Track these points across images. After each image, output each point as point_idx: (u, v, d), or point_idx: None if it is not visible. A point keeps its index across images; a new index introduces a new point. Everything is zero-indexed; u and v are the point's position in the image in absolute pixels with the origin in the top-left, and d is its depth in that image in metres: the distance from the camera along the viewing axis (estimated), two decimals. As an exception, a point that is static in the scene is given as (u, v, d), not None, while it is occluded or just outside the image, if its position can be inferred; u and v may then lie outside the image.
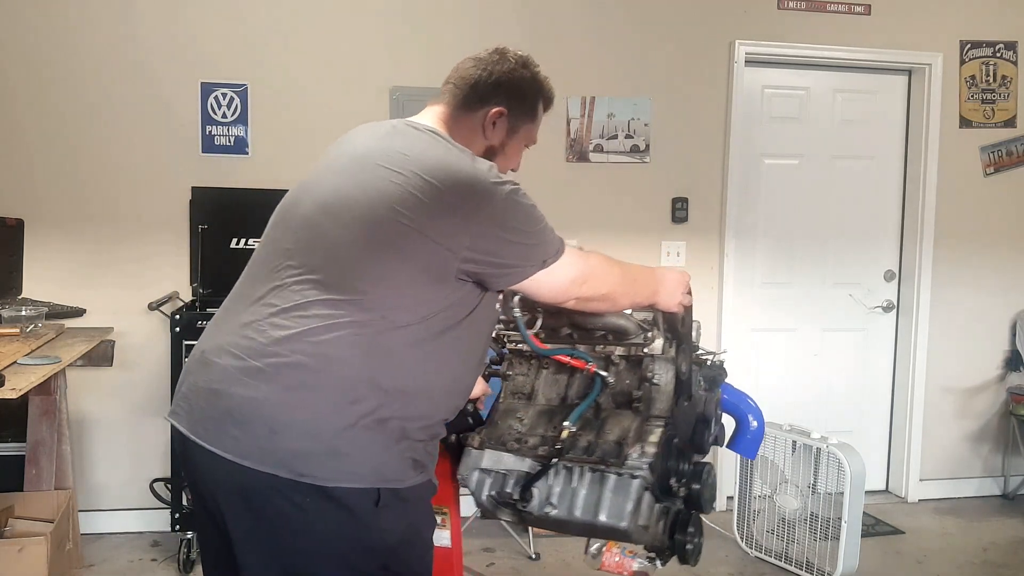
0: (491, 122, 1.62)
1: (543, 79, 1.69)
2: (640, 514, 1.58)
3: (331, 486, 1.34)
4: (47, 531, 2.80)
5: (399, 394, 1.41)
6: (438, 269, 1.43)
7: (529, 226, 1.48)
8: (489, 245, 1.44)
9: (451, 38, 3.76)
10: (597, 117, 3.90)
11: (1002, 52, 4.27)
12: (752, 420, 1.99)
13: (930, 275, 4.23)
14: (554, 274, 1.52)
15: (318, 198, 1.49)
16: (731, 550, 3.59)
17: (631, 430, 1.65)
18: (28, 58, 3.48)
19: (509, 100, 1.63)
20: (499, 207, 1.44)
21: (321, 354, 1.36)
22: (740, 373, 4.05)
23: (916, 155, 4.24)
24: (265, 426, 1.35)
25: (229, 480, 1.38)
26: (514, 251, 1.48)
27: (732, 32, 3.98)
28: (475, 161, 1.49)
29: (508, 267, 1.49)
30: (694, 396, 1.76)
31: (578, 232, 3.86)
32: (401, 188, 1.42)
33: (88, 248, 3.55)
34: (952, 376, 4.31)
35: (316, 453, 1.34)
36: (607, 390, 1.72)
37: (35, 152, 3.51)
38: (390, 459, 1.40)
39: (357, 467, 1.36)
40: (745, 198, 4.11)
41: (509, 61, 1.64)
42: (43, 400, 3.09)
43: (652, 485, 1.59)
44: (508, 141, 1.65)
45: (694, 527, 1.69)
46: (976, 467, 4.38)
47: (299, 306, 1.40)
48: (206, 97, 3.61)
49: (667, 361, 1.70)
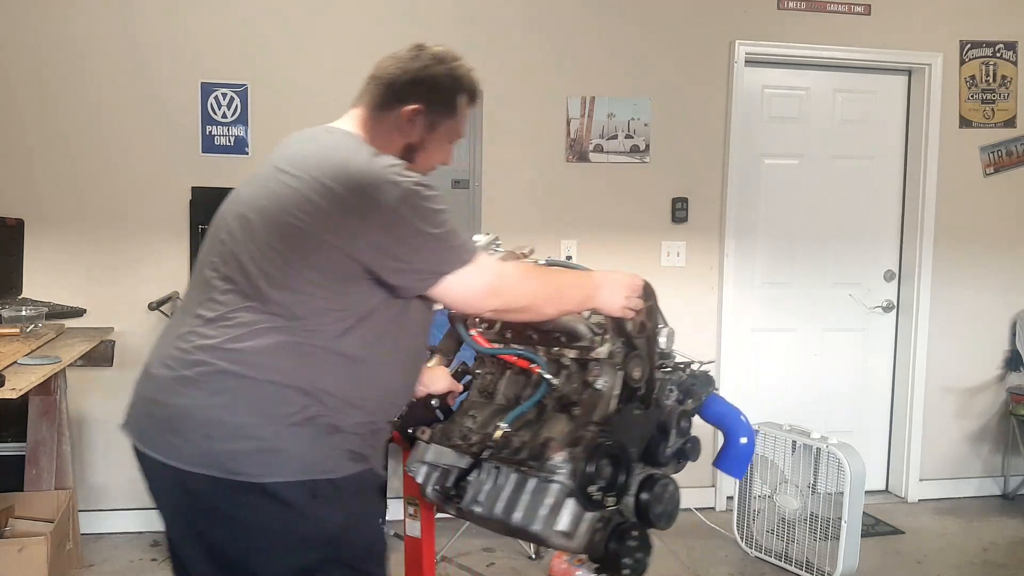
0: (408, 120, 1.60)
1: (462, 74, 1.66)
2: (559, 519, 1.56)
3: (266, 482, 1.39)
4: (47, 531, 2.80)
5: (325, 395, 1.44)
6: (342, 271, 1.43)
7: (430, 227, 1.44)
8: (386, 245, 1.43)
9: (451, 38, 3.73)
10: (597, 117, 3.90)
11: (1002, 52, 4.27)
12: (742, 437, 1.90)
13: (930, 275, 4.23)
14: (464, 283, 1.49)
15: (237, 209, 1.53)
16: (731, 550, 3.59)
17: (562, 434, 1.64)
18: (28, 58, 3.48)
19: (425, 97, 1.61)
20: (395, 205, 1.42)
21: (244, 360, 1.41)
22: (740, 373, 4.10)
23: (916, 155, 4.24)
24: (199, 431, 1.41)
25: (174, 484, 1.45)
26: (413, 253, 1.45)
27: (732, 32, 3.98)
28: (376, 159, 1.48)
29: (408, 270, 1.46)
30: (655, 405, 1.70)
31: (578, 232, 3.88)
32: (298, 193, 1.44)
33: (88, 248, 3.55)
34: (952, 376, 4.31)
35: (248, 452, 1.40)
36: (553, 392, 1.72)
37: (35, 152, 3.51)
38: (322, 452, 1.44)
39: (289, 462, 1.41)
40: (745, 198, 4.11)
41: (424, 58, 1.63)
42: (43, 400, 3.09)
43: (577, 492, 1.56)
44: (428, 137, 1.63)
45: (639, 542, 1.63)
46: (976, 467, 4.38)
47: (223, 316, 1.45)
48: (206, 97, 3.61)
49: (612, 366, 1.67)
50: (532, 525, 1.58)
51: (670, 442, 1.68)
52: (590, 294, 1.65)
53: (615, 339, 1.69)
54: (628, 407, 1.66)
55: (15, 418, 3.11)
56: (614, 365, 1.67)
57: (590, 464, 1.55)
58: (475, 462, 1.69)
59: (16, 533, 2.90)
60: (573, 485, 1.55)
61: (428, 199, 1.45)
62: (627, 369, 1.67)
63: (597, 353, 1.67)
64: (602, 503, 1.58)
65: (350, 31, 3.67)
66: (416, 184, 1.45)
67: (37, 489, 3.07)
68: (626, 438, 1.63)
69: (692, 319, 4.05)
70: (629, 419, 1.66)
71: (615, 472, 1.59)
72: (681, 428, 1.72)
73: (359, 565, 1.50)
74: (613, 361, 1.67)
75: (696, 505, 4.01)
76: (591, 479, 1.55)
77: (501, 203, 3.82)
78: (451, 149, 1.70)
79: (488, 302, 1.55)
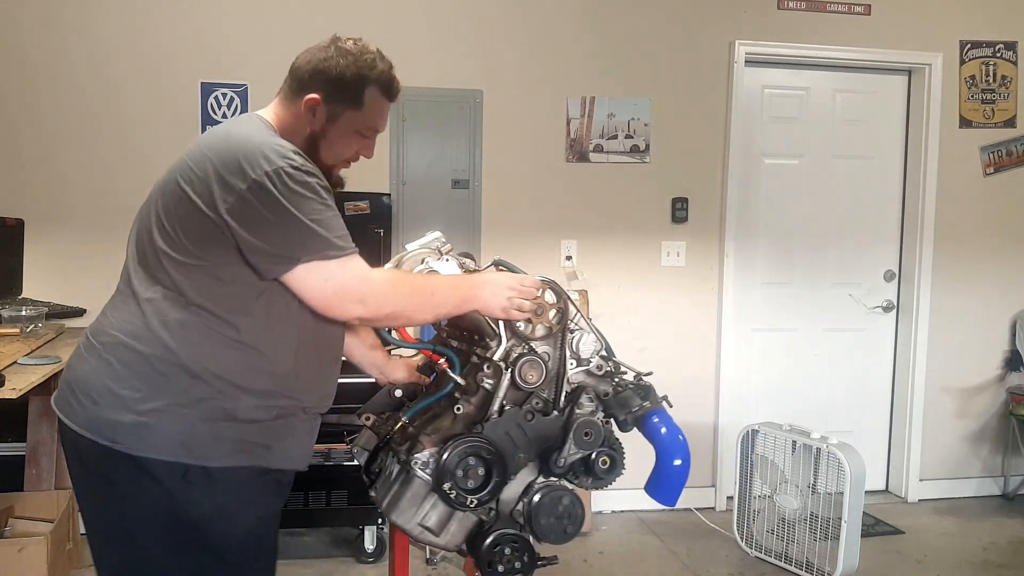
0: (308, 109, 1.61)
1: (369, 67, 1.64)
2: (421, 514, 1.58)
3: (140, 456, 1.45)
4: (47, 531, 2.80)
5: (213, 378, 1.47)
6: (211, 239, 1.46)
7: (293, 208, 1.44)
8: (245, 216, 1.44)
9: (450, 38, 3.77)
10: (597, 117, 3.90)
11: (1002, 52, 4.27)
12: (675, 459, 1.70)
13: (930, 275, 4.23)
14: (321, 278, 1.48)
15: (153, 191, 1.60)
16: (731, 550, 3.60)
17: (439, 430, 1.65)
18: (28, 58, 3.48)
19: (324, 88, 1.61)
20: (261, 178, 1.43)
21: (141, 336, 1.48)
22: (740, 373, 4.10)
23: (916, 155, 4.24)
24: (90, 396, 1.49)
25: (71, 446, 1.54)
26: (269, 229, 1.44)
27: (732, 32, 3.98)
28: (261, 136, 1.51)
29: (261, 248, 1.45)
30: (567, 412, 1.64)
31: (578, 232, 3.88)
32: (185, 163, 1.52)
33: (88, 248, 3.55)
34: (952, 376, 4.31)
35: (127, 424, 1.46)
36: (458, 390, 1.71)
37: (35, 152, 3.51)
38: (200, 438, 1.47)
39: (164, 440, 1.45)
40: (745, 198, 4.11)
41: (329, 50, 1.64)
42: (43, 400, 3.09)
43: (433, 487, 1.57)
44: (329, 128, 1.62)
45: (519, 552, 1.60)
46: (976, 467, 4.38)
47: (134, 291, 1.52)
48: (206, 97, 3.61)
49: (500, 368, 1.64)
50: (394, 516, 1.59)
51: (564, 452, 1.61)
52: (468, 295, 1.62)
53: (518, 341, 1.66)
54: (517, 410, 1.62)
55: (15, 418, 3.10)
56: (500, 366, 1.64)
57: (449, 461, 1.54)
58: (374, 451, 1.79)
59: (16, 533, 2.90)
60: (431, 481, 1.58)
61: (300, 183, 1.46)
62: (520, 371, 1.63)
63: (491, 353, 1.65)
64: (463, 502, 1.56)
65: (350, 31, 3.66)
66: (293, 166, 1.46)
67: (37, 489, 3.06)
68: (503, 441, 1.59)
69: (692, 319, 4.05)
70: (511, 422, 1.61)
71: (487, 474, 1.57)
72: (583, 439, 1.62)
73: (227, 557, 1.53)
74: (507, 362, 1.64)
75: (696, 505, 4.01)
76: (444, 476, 1.54)
77: (501, 203, 3.82)
78: (369, 142, 1.69)
79: (352, 308, 1.52)
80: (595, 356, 1.70)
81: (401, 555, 2.02)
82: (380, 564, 3.30)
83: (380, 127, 1.70)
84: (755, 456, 3.47)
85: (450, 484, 1.55)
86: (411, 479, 1.58)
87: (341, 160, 1.67)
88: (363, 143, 1.68)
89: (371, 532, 3.33)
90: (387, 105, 1.69)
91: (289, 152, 1.48)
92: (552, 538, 1.63)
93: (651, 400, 1.72)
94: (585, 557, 3.51)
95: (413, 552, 2.52)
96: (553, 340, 1.68)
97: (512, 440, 1.61)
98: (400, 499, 1.59)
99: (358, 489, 3.14)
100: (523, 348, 1.66)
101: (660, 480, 1.73)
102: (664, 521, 3.88)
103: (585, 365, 1.70)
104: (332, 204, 1.51)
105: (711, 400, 4.08)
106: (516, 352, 1.65)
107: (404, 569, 2.02)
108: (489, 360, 1.65)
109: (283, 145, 1.50)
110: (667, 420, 1.72)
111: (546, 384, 1.66)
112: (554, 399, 1.67)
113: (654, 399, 1.73)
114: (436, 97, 3.75)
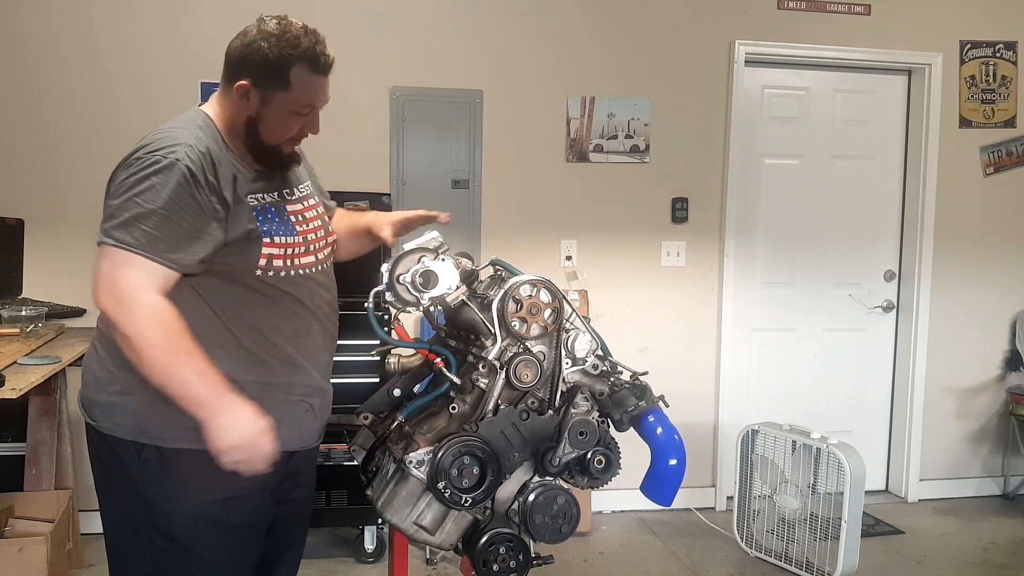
0: (240, 96, 1.62)
1: (292, 46, 1.60)
2: (416, 512, 1.59)
3: (106, 434, 1.61)
4: (47, 531, 2.80)
5: None
6: None
7: (125, 189, 1.50)
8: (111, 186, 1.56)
9: (450, 38, 3.77)
10: (597, 117, 3.90)
11: (1002, 52, 4.27)
12: (671, 459, 1.69)
13: (930, 275, 4.23)
14: (103, 262, 1.51)
15: None
16: (731, 550, 3.60)
17: (435, 429, 1.65)
18: (28, 58, 3.48)
19: (252, 73, 1.61)
20: (127, 158, 1.54)
21: (104, 319, 1.54)
22: (740, 373, 4.10)
23: (916, 155, 4.24)
24: (83, 379, 1.68)
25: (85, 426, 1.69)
26: (107, 202, 1.54)
27: (732, 32, 3.98)
28: (167, 127, 1.60)
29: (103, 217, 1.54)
30: (563, 412, 1.64)
31: (578, 232, 3.88)
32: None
33: (88, 248, 3.50)
34: (952, 376, 4.31)
35: (99, 402, 1.62)
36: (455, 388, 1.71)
37: (35, 152, 3.51)
38: (157, 419, 1.54)
39: (124, 419, 1.58)
40: (745, 198, 4.11)
41: (251, 34, 1.64)
42: (43, 400, 3.09)
43: (428, 486, 1.57)
44: (264, 111, 1.62)
45: (514, 551, 1.60)
46: (976, 467, 4.38)
47: None
48: (206, 97, 3.57)
49: (495, 367, 1.64)
50: (389, 514, 1.60)
51: (559, 452, 1.61)
52: (200, 407, 1.48)
53: (514, 341, 1.65)
54: (512, 409, 1.62)
55: (15, 418, 3.11)
56: (495, 365, 1.64)
57: (443, 460, 1.55)
58: (371, 450, 1.82)
59: (16, 533, 2.89)
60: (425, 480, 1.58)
61: (148, 169, 1.50)
62: (515, 371, 1.63)
63: (486, 352, 1.65)
64: (457, 501, 1.56)
65: (350, 31, 3.67)
66: (151, 152, 1.51)
67: (37, 489, 3.07)
68: (498, 440, 1.59)
69: (692, 319, 4.05)
70: (506, 421, 1.61)
71: (482, 473, 1.57)
72: (578, 439, 1.61)
73: (178, 539, 1.58)
74: (498, 361, 1.64)
75: (696, 505, 4.01)
76: (439, 474, 1.55)
77: (501, 203, 3.82)
78: (310, 119, 1.67)
79: (102, 300, 1.50)
80: (591, 355, 1.70)
81: (401, 555, 2.02)
82: (380, 564, 3.30)
83: (317, 103, 1.66)
84: (755, 456, 3.47)
85: (444, 483, 1.55)
86: (406, 478, 1.59)
87: (285, 139, 1.67)
88: (304, 120, 1.66)
89: (371, 532, 3.33)
90: (319, 80, 1.63)
91: (184, 144, 1.53)
92: (547, 537, 1.63)
93: (647, 400, 1.71)
94: (585, 557, 3.51)
95: (413, 552, 2.53)
96: (549, 339, 1.68)
97: (507, 439, 1.61)
98: (395, 498, 1.60)
99: (358, 489, 3.12)
100: (518, 347, 1.65)
101: (656, 480, 1.73)
102: (664, 521, 3.88)
103: (581, 364, 1.70)
104: (187, 209, 1.51)
105: (711, 400, 4.08)
106: (511, 351, 1.65)
107: (404, 569, 2.02)
108: (484, 359, 1.65)
109: (185, 134, 1.56)
110: (663, 420, 1.71)
111: (541, 383, 1.66)
112: (549, 398, 1.67)
113: (650, 399, 1.72)
114: (436, 97, 3.75)
